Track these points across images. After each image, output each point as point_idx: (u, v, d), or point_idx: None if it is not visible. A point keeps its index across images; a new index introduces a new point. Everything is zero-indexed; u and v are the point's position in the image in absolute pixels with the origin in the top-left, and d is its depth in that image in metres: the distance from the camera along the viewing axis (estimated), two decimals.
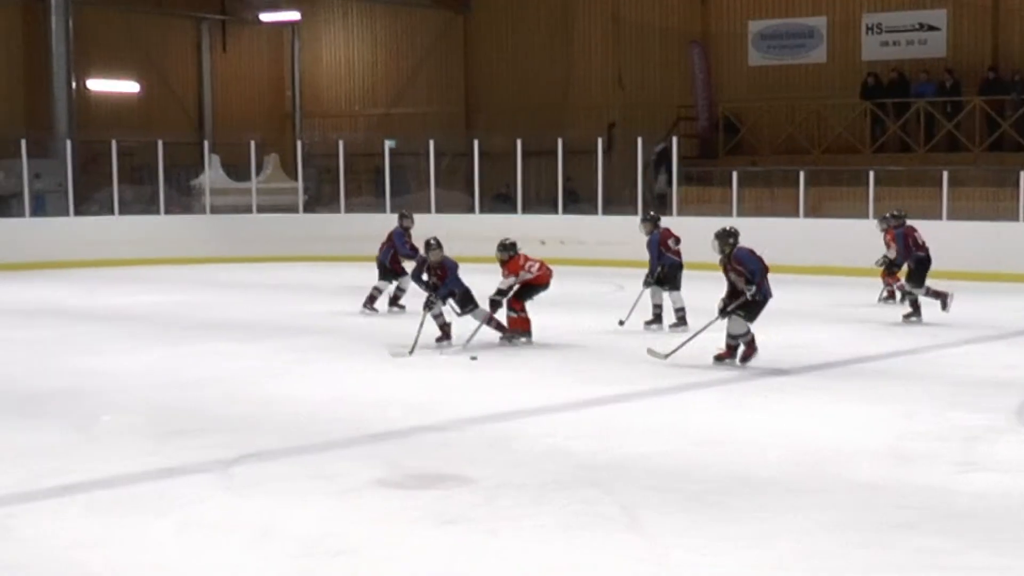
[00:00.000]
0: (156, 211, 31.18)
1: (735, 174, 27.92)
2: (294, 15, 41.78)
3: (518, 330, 16.56)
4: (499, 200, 32.87)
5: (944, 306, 18.67)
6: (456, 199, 32.24)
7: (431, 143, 30.88)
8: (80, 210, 30.67)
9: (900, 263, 19.25)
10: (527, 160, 30.40)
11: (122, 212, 30.62)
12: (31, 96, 37.30)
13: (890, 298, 20.56)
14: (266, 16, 42.16)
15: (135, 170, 34.27)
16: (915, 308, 18.81)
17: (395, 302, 20.19)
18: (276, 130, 42.09)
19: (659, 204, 30.60)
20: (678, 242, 18.07)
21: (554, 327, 17.73)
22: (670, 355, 14.87)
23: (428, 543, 8.05)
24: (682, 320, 17.52)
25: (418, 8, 41.16)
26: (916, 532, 8.18)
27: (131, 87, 40.80)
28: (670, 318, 17.76)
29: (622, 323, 17.75)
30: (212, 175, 33.12)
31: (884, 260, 20.00)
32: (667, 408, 12.73)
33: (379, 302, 20.10)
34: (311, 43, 43.26)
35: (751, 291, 14.34)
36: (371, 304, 20.06)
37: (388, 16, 42.19)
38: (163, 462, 10.20)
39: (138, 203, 32.11)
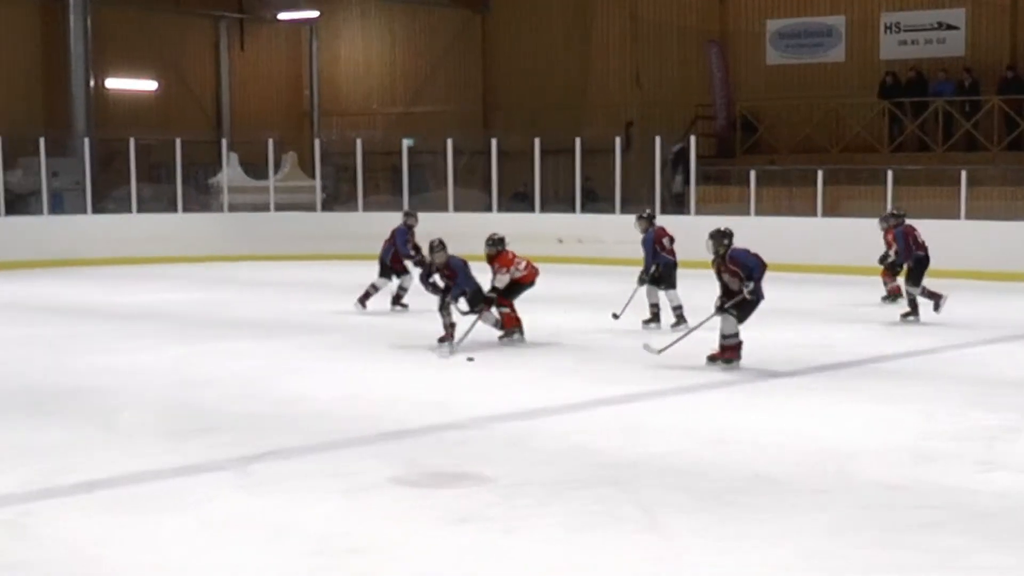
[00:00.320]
0: (174, 209, 31.23)
1: (753, 173, 27.87)
2: (312, 14, 41.78)
3: (516, 327, 16.52)
4: (517, 199, 32.88)
5: (936, 307, 18.60)
6: (474, 198, 32.22)
7: (449, 142, 30.86)
8: (98, 208, 30.73)
9: (902, 262, 19.17)
10: (545, 159, 30.39)
11: (140, 210, 30.65)
12: (49, 95, 37.41)
13: (889, 297, 20.50)
14: (284, 15, 42.19)
15: (153, 168, 34.29)
16: (913, 307, 18.74)
17: (397, 301, 20.14)
18: (294, 128, 42.10)
19: (677, 204, 30.59)
20: (672, 241, 18.11)
21: (570, 326, 17.71)
22: (663, 350, 14.87)
23: (444, 542, 8.04)
24: (681, 318, 17.46)
25: (436, 7, 41.16)
26: (937, 532, 8.14)
27: (149, 86, 40.88)
28: (668, 317, 17.71)
29: (616, 316, 17.82)
30: (230, 173, 33.15)
31: (886, 258, 19.96)
32: (684, 407, 12.69)
33: (373, 300, 19.99)
34: (329, 42, 43.27)
35: (748, 287, 14.25)
36: (364, 300, 19.97)
37: (406, 15, 42.20)
38: (179, 460, 10.21)
39: (156, 201, 32.15)
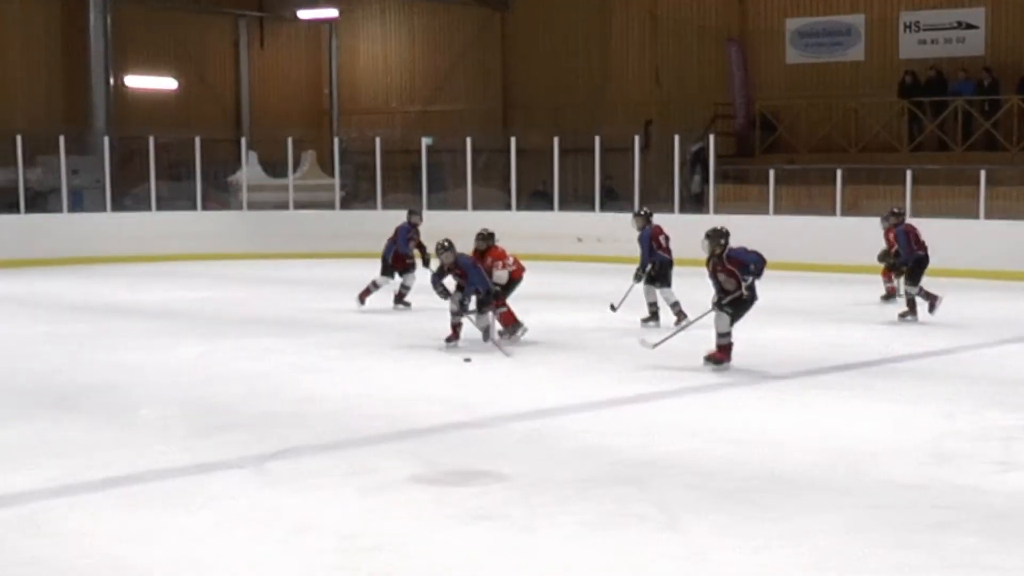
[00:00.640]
0: (193, 207, 31.32)
1: (772, 172, 27.82)
2: (332, 12, 41.80)
3: (517, 324, 16.52)
4: (536, 197, 32.87)
5: (932, 308, 18.56)
6: (493, 196, 32.24)
7: (468, 140, 30.87)
8: (117, 206, 30.79)
9: (904, 262, 19.10)
10: (564, 157, 30.39)
11: (159, 208, 30.75)
12: (69, 93, 37.47)
13: (889, 297, 20.48)
14: (304, 13, 42.23)
15: (172, 166, 34.38)
16: (911, 307, 18.71)
17: (400, 300, 20.14)
18: (313, 127, 42.15)
19: (695, 203, 30.57)
20: (668, 240, 18.15)
21: (588, 325, 17.72)
22: (658, 345, 14.96)
23: (463, 539, 8.06)
24: (680, 313, 17.43)
25: (456, 5, 41.14)
26: (955, 532, 8.14)
27: (169, 84, 40.95)
28: (667, 314, 17.69)
29: (614, 308, 17.98)
30: (249, 171, 33.19)
31: (885, 256, 19.93)
32: (703, 406, 12.69)
33: (374, 298, 19.99)
34: (349, 40, 43.30)
35: (747, 282, 14.21)
36: (364, 297, 20.00)
37: (426, 13, 42.21)
38: (199, 457, 10.25)
39: (175, 199, 32.21)
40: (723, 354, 14.42)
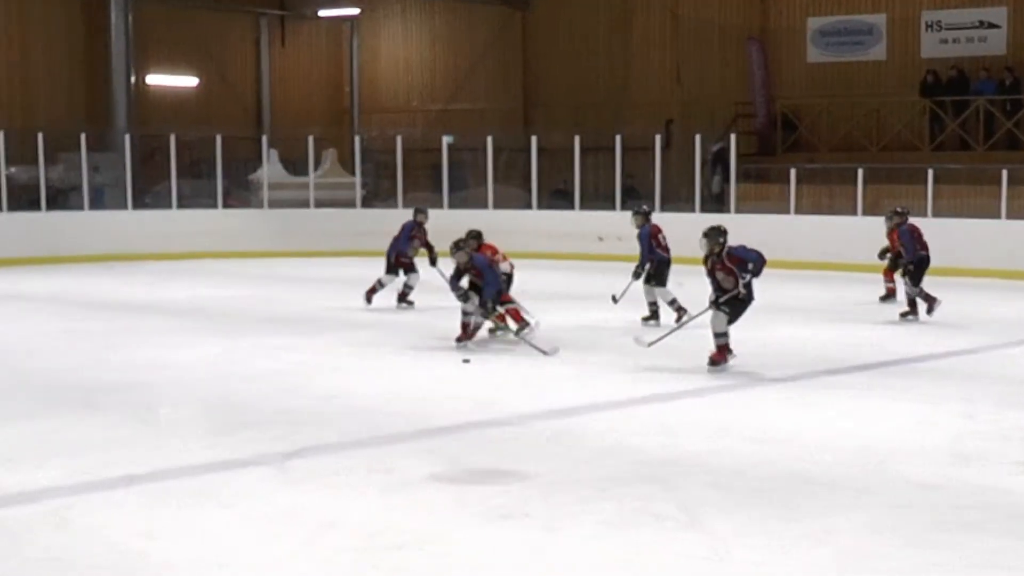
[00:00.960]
0: (214, 205, 31.36)
1: (793, 171, 27.76)
2: (353, 11, 41.81)
3: (525, 320, 16.49)
4: (557, 196, 32.86)
5: (930, 310, 18.52)
6: (514, 195, 32.22)
7: (489, 139, 30.85)
8: (138, 204, 30.88)
9: (908, 261, 19.03)
10: (585, 156, 30.39)
11: (180, 206, 30.79)
12: (91, 90, 37.57)
13: (889, 296, 20.43)
14: (325, 12, 42.26)
15: (193, 164, 34.40)
16: (912, 306, 18.67)
17: (403, 299, 20.15)
18: (334, 125, 42.17)
19: (716, 202, 30.55)
20: (665, 239, 18.17)
21: (610, 324, 17.72)
22: (654, 343, 14.98)
23: (485, 538, 8.06)
24: (679, 310, 17.38)
25: (477, 4, 41.11)
26: (976, 532, 8.13)
27: (190, 82, 41.02)
28: (667, 313, 17.67)
29: (615, 300, 18.18)
30: (270, 170, 33.22)
31: (885, 254, 19.91)
32: (725, 405, 12.68)
33: (379, 296, 20.04)
34: (369, 39, 43.32)
35: (745, 279, 14.18)
36: (370, 296, 20.05)
37: (447, 12, 42.22)
38: (221, 455, 10.27)
39: (196, 197, 32.24)
40: (720, 355, 14.36)
